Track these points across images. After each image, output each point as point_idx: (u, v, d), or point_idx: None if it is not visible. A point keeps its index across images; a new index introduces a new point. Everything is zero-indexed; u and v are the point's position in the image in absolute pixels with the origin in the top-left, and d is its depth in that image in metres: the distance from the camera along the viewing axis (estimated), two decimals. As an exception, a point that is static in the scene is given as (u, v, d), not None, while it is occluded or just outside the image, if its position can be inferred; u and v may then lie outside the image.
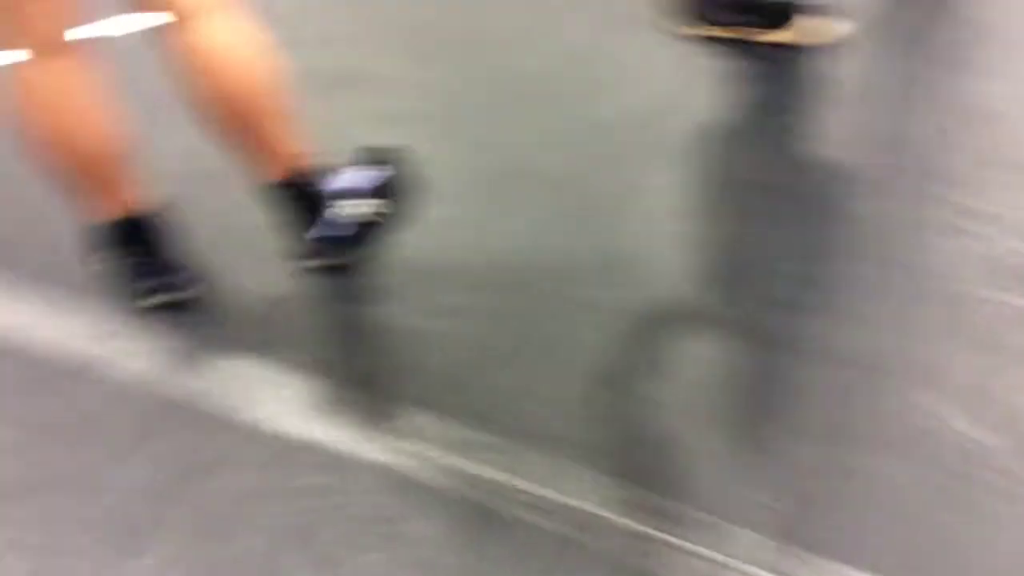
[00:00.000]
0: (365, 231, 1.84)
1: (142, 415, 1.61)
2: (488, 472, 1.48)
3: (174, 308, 1.77)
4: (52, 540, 1.47)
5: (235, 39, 1.58)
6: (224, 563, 1.41)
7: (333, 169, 1.79)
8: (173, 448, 1.57)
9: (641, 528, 1.40)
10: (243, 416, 1.59)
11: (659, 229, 1.82)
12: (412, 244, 1.84)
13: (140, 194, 1.70)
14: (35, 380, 1.69)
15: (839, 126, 2.00)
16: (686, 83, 2.13)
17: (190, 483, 1.52)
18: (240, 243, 1.88)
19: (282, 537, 1.43)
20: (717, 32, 2.23)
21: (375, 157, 1.93)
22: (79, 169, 1.61)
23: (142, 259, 1.75)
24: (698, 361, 1.60)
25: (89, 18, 1.57)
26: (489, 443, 1.52)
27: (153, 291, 1.76)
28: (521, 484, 1.46)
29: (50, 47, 1.53)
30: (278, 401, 1.61)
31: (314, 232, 1.78)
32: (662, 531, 1.39)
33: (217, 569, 1.41)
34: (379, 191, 1.88)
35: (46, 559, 1.44)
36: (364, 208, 1.83)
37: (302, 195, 1.75)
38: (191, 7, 1.55)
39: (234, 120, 1.61)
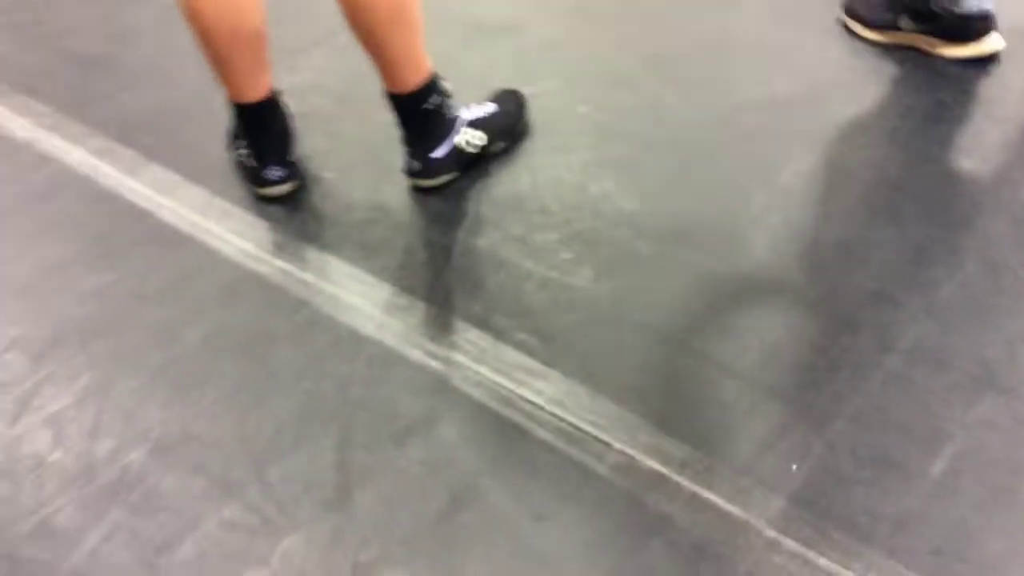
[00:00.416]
0: (476, 160, 1.89)
1: (228, 284, 1.71)
2: (531, 395, 1.48)
3: (283, 199, 1.87)
4: (106, 377, 1.58)
5: None
6: (253, 422, 1.48)
7: (458, 100, 1.84)
8: (245, 316, 1.65)
9: (666, 473, 1.37)
10: (316, 302, 1.66)
11: (773, 206, 1.77)
12: (522, 182, 1.87)
13: (269, 82, 1.79)
14: (150, 238, 1.81)
15: (991, 143, 1.88)
16: (845, 80, 2.06)
17: (249, 348, 1.60)
18: (359, 150, 1.96)
19: (315, 412, 1.49)
20: (891, 37, 2.14)
21: (502, 96, 1.98)
22: (225, 48, 1.71)
23: (262, 146, 1.85)
24: (771, 332, 1.55)
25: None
26: (539, 371, 1.52)
27: (267, 180, 1.86)
28: (559, 412, 1.46)
29: None
30: (352, 296, 1.67)
31: (428, 152, 1.83)
32: (686, 479, 1.35)
33: (245, 426, 1.48)
34: (499, 127, 1.93)
35: (93, 393, 1.55)
36: (480, 139, 1.87)
37: (424, 114, 1.80)
38: None
39: (367, 25, 1.68)
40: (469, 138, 1.86)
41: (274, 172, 1.86)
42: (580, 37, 2.27)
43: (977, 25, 2.05)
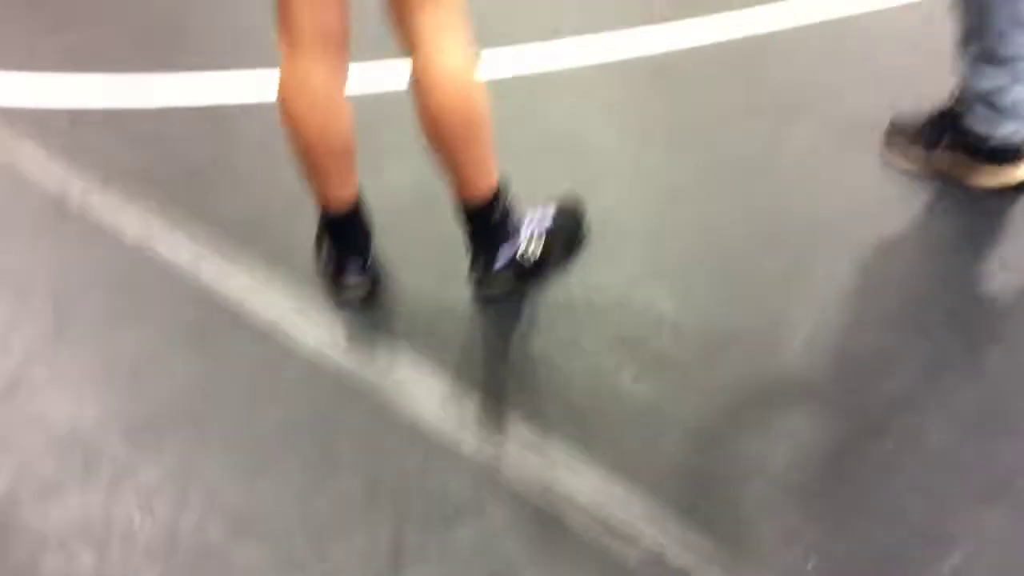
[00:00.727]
0: (535, 267, 2.05)
1: (305, 374, 1.89)
2: (572, 487, 1.62)
3: (358, 298, 2.05)
4: (192, 456, 1.75)
5: (454, 71, 1.82)
6: (320, 502, 1.64)
7: (521, 208, 2.02)
8: (318, 403, 1.83)
9: (692, 565, 1.48)
10: (382, 392, 1.83)
11: (809, 316, 1.90)
12: (574, 288, 2.03)
13: (355, 193, 1.99)
14: (239, 331, 2.01)
15: (1018, 264, 1.99)
16: (883, 201, 2.19)
17: (320, 433, 1.76)
18: (430, 254, 2.15)
19: (375, 494, 1.64)
20: (928, 164, 2.26)
21: (564, 206, 2.15)
22: (318, 159, 1.91)
23: (344, 251, 2.04)
24: (800, 433, 1.67)
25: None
26: (580, 465, 1.65)
27: (346, 280, 2.05)
28: (597, 504, 1.59)
29: (317, 47, 1.83)
30: (414, 388, 1.83)
31: (490, 258, 2.00)
32: (711, 572, 1.46)
33: (312, 506, 1.63)
34: (559, 238, 2.09)
35: (180, 469, 1.73)
36: (539, 248, 2.04)
37: (490, 222, 1.98)
38: (425, 37, 1.80)
39: (442, 140, 1.86)
40: (532, 248, 2.03)
41: (352, 273, 2.05)
42: (637, 150, 2.45)
43: (1013, 154, 2.15)
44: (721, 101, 2.60)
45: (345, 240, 2.05)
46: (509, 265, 2.01)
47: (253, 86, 2.82)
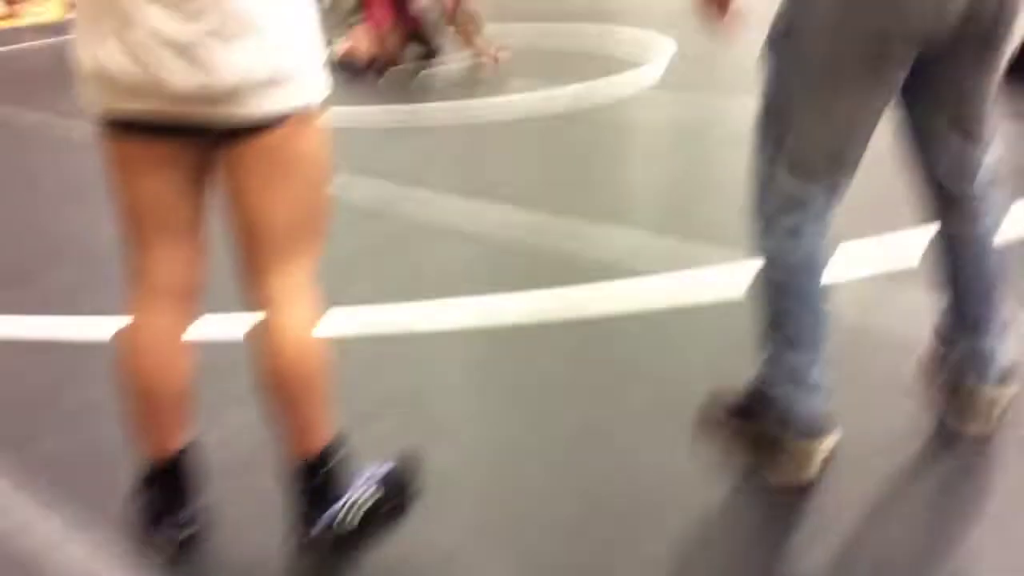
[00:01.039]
0: (355, 532, 2.00)
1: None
2: None
3: (172, 553, 1.97)
4: None
5: (295, 335, 1.85)
6: None
7: (352, 467, 2.01)
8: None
9: None
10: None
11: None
12: (400, 547, 2.01)
13: (184, 442, 1.96)
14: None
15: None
16: (698, 480, 2.22)
17: None
18: (254, 508, 2.10)
19: None
20: (738, 447, 2.30)
21: (393, 466, 2.14)
22: (152, 406, 1.90)
23: (163, 502, 1.98)
24: None
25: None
26: None
27: (161, 534, 1.97)
28: None
29: (168, 298, 1.88)
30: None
31: (312, 520, 1.96)
32: None
33: None
34: (384, 498, 2.06)
35: None
36: (357, 515, 2.00)
37: (315, 483, 1.95)
38: (272, 296, 1.85)
39: (277, 399, 1.87)
40: (351, 517, 1.99)
41: (169, 526, 1.97)
42: (479, 407, 2.51)
43: (804, 451, 2.18)
44: (555, 372, 2.69)
45: (166, 491, 1.99)
46: (329, 529, 1.97)
47: (86, 329, 2.79)
